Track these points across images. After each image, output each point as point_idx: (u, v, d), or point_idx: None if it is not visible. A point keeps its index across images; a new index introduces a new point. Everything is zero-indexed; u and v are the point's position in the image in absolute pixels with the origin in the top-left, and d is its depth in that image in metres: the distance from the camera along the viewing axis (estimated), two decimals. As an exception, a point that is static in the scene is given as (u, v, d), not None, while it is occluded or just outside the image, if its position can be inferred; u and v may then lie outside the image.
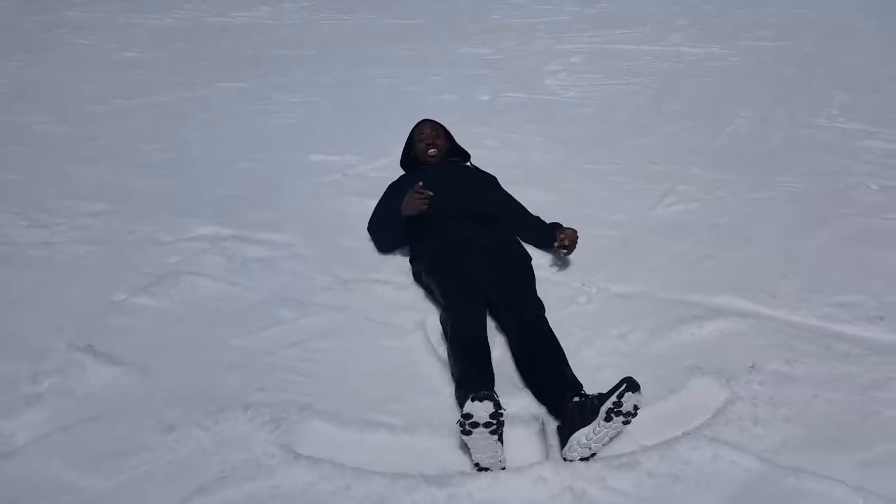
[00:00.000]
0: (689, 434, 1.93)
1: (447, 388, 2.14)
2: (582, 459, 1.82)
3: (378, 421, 1.97)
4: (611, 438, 1.87)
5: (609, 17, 10.02)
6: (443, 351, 2.30)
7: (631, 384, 1.81)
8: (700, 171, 4.02)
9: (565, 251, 2.79)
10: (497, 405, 1.77)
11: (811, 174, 4.00)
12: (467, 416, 1.74)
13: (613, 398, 1.80)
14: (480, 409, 1.74)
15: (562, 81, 6.15)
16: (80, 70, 6.31)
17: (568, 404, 1.90)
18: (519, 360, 2.23)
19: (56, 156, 4.16)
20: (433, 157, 3.12)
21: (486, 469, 1.79)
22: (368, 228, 3.07)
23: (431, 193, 2.67)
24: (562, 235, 2.76)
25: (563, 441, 1.85)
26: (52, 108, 5.12)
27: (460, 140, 3.40)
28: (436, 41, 8.05)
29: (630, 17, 9.98)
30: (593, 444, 1.82)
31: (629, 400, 1.81)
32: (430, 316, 2.50)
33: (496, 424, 1.76)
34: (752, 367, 2.27)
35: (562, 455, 1.85)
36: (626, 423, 1.85)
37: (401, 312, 2.55)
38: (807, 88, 6.09)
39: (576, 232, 2.80)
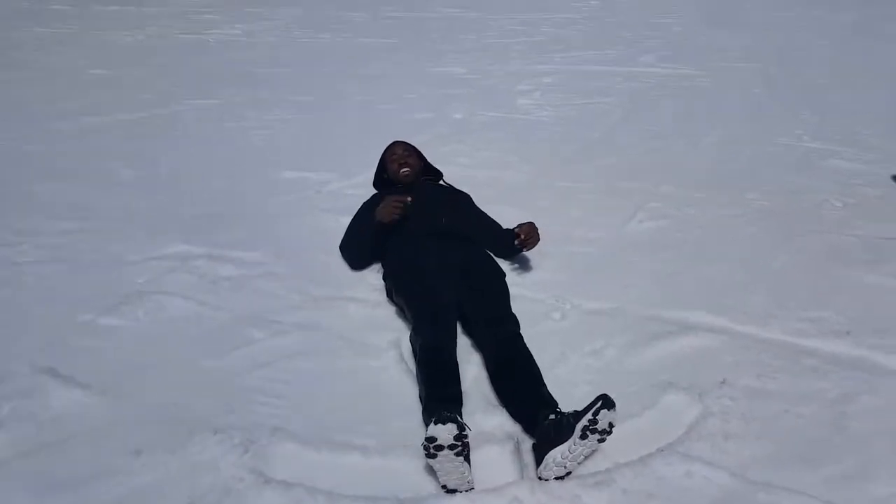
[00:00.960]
0: (662, 450, 1.93)
1: (420, 409, 2.12)
2: (557, 478, 1.81)
3: (351, 443, 1.94)
4: (586, 456, 1.87)
5: (581, 38, 10.18)
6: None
7: (606, 401, 1.80)
8: (670, 189, 4.07)
9: (526, 247, 2.81)
10: (461, 427, 1.75)
11: (778, 192, 4.08)
12: (431, 438, 1.72)
13: (589, 416, 1.79)
14: (444, 432, 1.72)
15: (535, 101, 6.22)
16: (48, 87, 6.22)
17: (543, 422, 1.89)
18: (494, 378, 2.23)
19: (23, 174, 4.08)
20: (406, 177, 3.12)
21: (453, 491, 1.77)
22: (340, 246, 3.07)
23: (409, 199, 2.68)
24: (517, 230, 2.80)
25: (539, 460, 1.84)
26: (19, 125, 5.03)
27: (434, 158, 3.41)
28: (410, 60, 8.10)
29: (602, 38, 10.16)
30: (568, 463, 1.81)
31: (604, 417, 1.80)
32: (405, 335, 2.48)
33: (461, 446, 1.73)
34: (724, 382, 2.29)
35: (537, 474, 1.84)
36: (601, 440, 1.84)
37: (374, 331, 2.53)
38: (772, 108, 6.23)
39: (532, 224, 2.82)
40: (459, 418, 1.80)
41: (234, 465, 1.83)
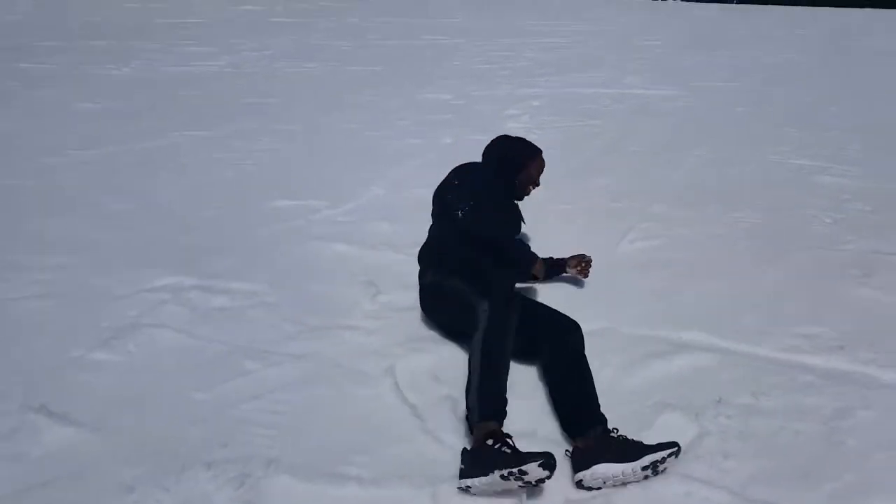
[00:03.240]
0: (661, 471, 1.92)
1: (417, 436, 2.10)
2: (589, 489, 1.87)
3: (346, 474, 1.92)
4: (626, 484, 1.89)
5: (566, 61, 10.32)
6: (413, 397, 2.27)
7: (679, 450, 1.91)
8: (660, 209, 4.11)
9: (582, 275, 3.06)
10: (551, 468, 1.77)
11: (767, 209, 4.12)
12: (523, 472, 1.75)
13: (664, 454, 1.88)
14: (537, 473, 1.75)
15: (523, 124, 6.27)
16: (36, 122, 6.22)
17: (609, 435, 1.98)
18: (555, 378, 2.27)
19: (12, 209, 4.06)
20: (528, 195, 3.11)
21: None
22: (504, 244, 2.77)
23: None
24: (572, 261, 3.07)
25: (584, 465, 1.88)
26: (9, 161, 5.02)
27: (426, 183, 3.42)
28: (398, 87, 8.17)
29: (587, 61, 10.30)
30: (613, 481, 1.86)
31: (670, 463, 1.89)
32: (400, 361, 2.47)
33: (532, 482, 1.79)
34: (720, 401, 2.29)
35: (576, 478, 1.88)
36: (646, 477, 1.89)
37: (369, 358, 2.51)
38: (759, 127, 6.32)
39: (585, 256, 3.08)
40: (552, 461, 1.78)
41: (229, 500, 1.81)
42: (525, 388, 2.32)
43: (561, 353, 2.31)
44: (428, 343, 2.62)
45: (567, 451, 1.99)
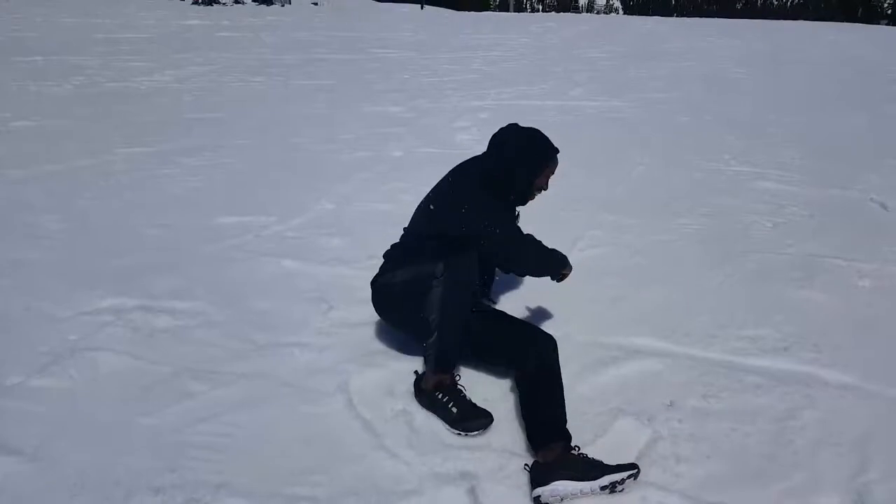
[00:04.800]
0: (616, 477, 1.93)
1: (373, 453, 2.06)
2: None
3: (300, 494, 1.87)
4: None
5: (514, 74, 10.46)
6: (367, 413, 2.24)
7: (638, 472, 1.93)
8: (608, 217, 4.17)
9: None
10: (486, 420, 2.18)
11: (711, 215, 4.24)
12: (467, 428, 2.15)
13: (623, 475, 1.91)
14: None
15: (472, 136, 6.30)
16: (-33, 140, 5.94)
17: (570, 452, 1.99)
18: (524, 390, 2.21)
19: (-61, 231, 3.86)
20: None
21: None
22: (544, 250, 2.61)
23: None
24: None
25: (542, 481, 1.90)
26: (-65, 180, 4.77)
27: (377, 196, 3.40)
28: (346, 101, 8.13)
29: (533, 74, 10.46)
30: (571, 498, 1.89)
31: (628, 484, 1.91)
32: (353, 377, 2.43)
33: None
34: (671, 404, 2.32)
35: (533, 493, 1.88)
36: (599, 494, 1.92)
37: (320, 376, 2.46)
38: (699, 135, 6.51)
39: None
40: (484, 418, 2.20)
41: (176, 529, 1.73)
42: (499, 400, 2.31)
43: (532, 366, 2.24)
44: (381, 358, 2.58)
45: (526, 465, 1.98)
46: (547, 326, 2.80)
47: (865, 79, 10.45)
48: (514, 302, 3.03)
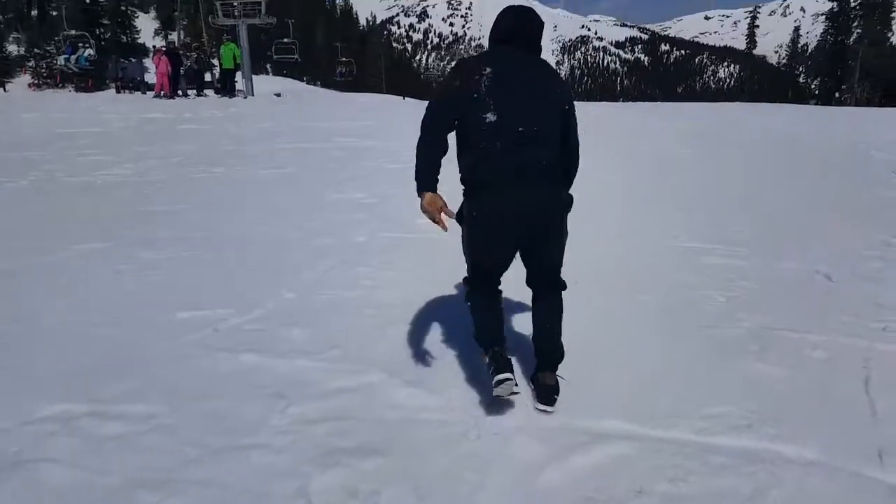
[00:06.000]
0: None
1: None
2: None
3: None
4: None
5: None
6: (326, 518, 2.14)
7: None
8: (566, 296, 4.20)
9: None
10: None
11: (663, 290, 4.32)
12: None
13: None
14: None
15: (433, 220, 6.39)
16: (-86, 241, 5.78)
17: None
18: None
19: None
20: None
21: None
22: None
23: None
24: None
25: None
26: None
27: (340, 283, 3.39)
28: (309, 189, 8.21)
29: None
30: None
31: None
32: (312, 480, 2.34)
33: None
34: (640, 491, 2.29)
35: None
36: None
37: (279, 480, 2.36)
38: (650, 212, 6.72)
39: None
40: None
41: None
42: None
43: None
44: (343, 456, 2.50)
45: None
46: (513, 415, 2.77)
47: (798, 155, 11.03)
48: (476, 388, 2.99)
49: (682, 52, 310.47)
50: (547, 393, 2.81)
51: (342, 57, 48.05)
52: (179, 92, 23.58)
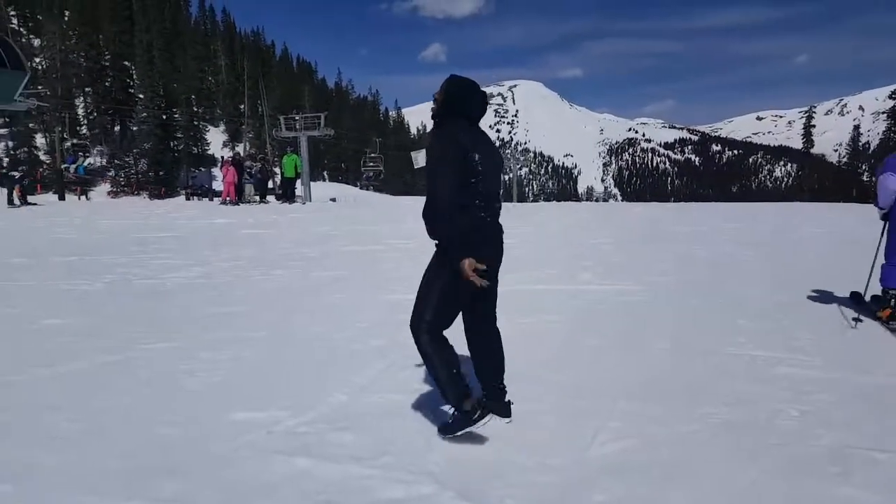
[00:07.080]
0: None
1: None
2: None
3: None
4: None
5: (519, 260, 10.79)
6: None
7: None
8: (627, 405, 4.08)
9: None
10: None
11: (733, 403, 4.12)
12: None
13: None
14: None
15: (486, 324, 6.37)
16: (-4, 339, 6.11)
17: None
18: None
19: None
20: None
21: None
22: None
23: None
24: None
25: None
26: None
27: (391, 386, 3.39)
28: (361, 289, 8.37)
29: (539, 259, 10.79)
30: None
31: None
32: None
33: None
34: None
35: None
36: None
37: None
38: (711, 318, 6.54)
39: None
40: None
41: None
42: None
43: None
44: (394, 570, 2.41)
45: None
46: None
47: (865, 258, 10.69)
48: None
49: (735, 151, 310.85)
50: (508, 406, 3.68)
51: (370, 152, 52.77)
52: (245, 199, 24.91)
